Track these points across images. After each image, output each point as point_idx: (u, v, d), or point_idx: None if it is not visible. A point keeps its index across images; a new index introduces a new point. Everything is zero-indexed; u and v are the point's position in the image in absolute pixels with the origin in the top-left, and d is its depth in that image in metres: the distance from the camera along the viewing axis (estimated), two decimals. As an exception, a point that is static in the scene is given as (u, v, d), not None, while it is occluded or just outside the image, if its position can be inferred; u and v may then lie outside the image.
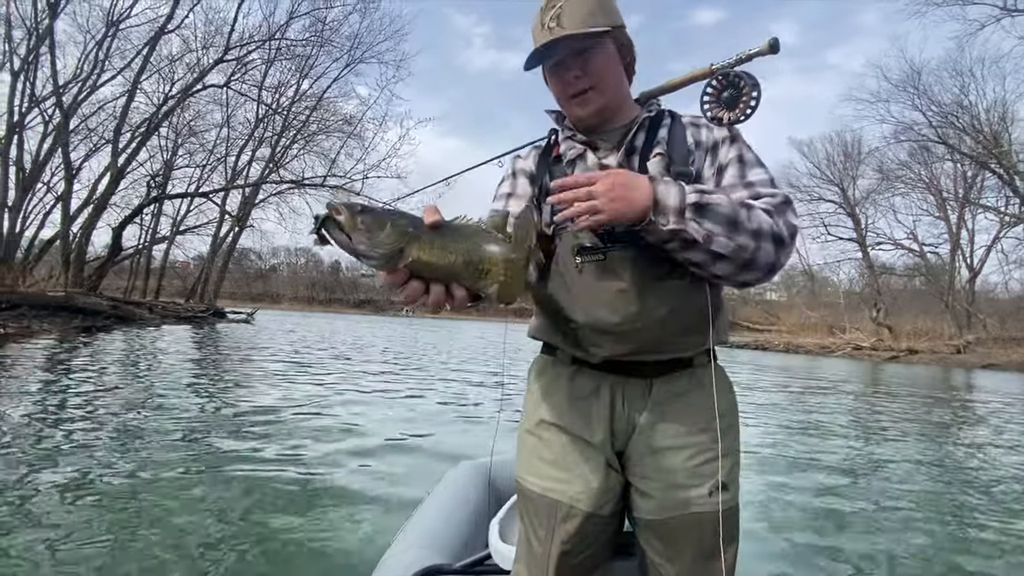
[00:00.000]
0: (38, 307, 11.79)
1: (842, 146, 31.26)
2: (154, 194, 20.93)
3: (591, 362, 0.91)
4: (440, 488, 1.69)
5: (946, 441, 5.16)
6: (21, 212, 15.79)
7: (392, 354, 11.24)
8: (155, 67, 18.94)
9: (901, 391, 9.76)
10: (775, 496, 3.08)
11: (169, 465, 2.86)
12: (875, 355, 22.03)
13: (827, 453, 4.26)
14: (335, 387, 6.04)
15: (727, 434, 0.90)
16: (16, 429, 3.40)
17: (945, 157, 27.11)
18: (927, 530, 2.67)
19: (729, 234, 0.75)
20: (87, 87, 17.13)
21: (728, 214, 0.75)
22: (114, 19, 16.84)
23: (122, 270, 23.03)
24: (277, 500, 2.45)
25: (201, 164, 24.40)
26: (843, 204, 31.43)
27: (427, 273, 0.63)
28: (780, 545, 2.39)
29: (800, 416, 6.16)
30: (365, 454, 3.32)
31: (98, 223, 17.36)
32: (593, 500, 0.88)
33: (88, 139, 19.51)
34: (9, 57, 15.09)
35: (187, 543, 1.98)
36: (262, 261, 58.98)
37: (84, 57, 17.20)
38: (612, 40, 0.91)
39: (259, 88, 21.54)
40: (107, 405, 4.31)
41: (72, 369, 6.06)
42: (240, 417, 4.16)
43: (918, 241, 29.68)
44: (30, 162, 16.11)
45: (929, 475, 3.77)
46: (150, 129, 18.82)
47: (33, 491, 2.42)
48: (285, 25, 20.19)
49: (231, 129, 23.40)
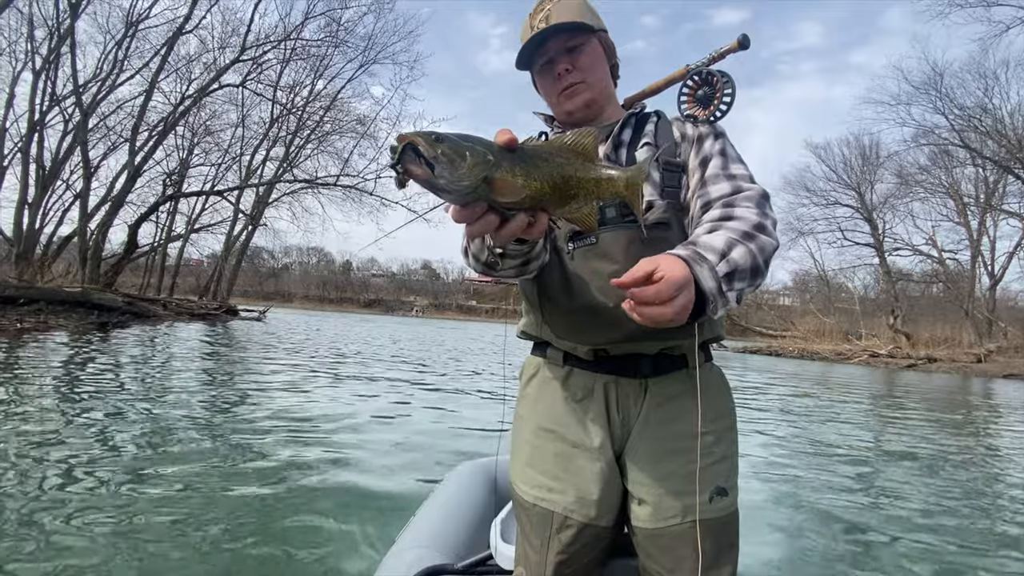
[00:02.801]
0: (55, 302, 11.96)
1: (860, 150, 30.80)
2: (170, 192, 21.23)
3: (584, 358, 0.89)
4: (443, 487, 1.66)
5: (969, 452, 4.99)
6: (41, 209, 16.11)
7: (400, 353, 11.24)
8: (173, 67, 19.27)
9: (921, 399, 9.53)
10: (788, 502, 2.98)
11: (169, 462, 2.85)
12: (892, 363, 21.60)
13: (845, 460, 4.13)
14: (339, 387, 6.03)
15: (725, 437, 0.89)
16: (29, 420, 3.41)
17: (966, 161, 26.58)
18: (941, 548, 2.55)
19: (753, 282, 0.73)
20: (106, 86, 17.43)
21: (750, 267, 0.72)
22: (133, 19, 17.12)
23: (137, 267, 23.40)
24: (278, 498, 2.41)
25: (216, 163, 24.77)
26: (860, 209, 30.95)
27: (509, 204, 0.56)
28: (784, 550, 2.30)
29: (821, 424, 6.02)
30: (368, 453, 3.28)
31: (115, 220, 17.66)
32: (589, 510, 0.86)
33: (106, 138, 19.90)
34: (31, 56, 15.42)
35: (183, 541, 1.94)
36: (275, 260, 59.77)
37: (104, 57, 17.53)
38: (598, 40, 0.95)
39: (274, 88, 21.79)
40: (114, 399, 4.32)
41: (86, 364, 6.12)
42: (242, 416, 4.14)
43: (937, 247, 29.12)
44: (50, 160, 16.43)
45: (947, 486, 3.63)
46: (167, 128, 19.10)
47: (40, 481, 2.40)
48: (301, 25, 20.42)
49: (246, 129, 23.72)
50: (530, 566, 0.89)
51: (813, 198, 32.51)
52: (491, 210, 0.56)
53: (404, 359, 9.96)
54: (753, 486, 3.22)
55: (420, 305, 78.80)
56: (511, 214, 0.57)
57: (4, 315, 9.96)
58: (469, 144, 0.52)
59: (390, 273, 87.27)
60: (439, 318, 61.81)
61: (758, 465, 3.74)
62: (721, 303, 0.69)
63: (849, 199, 31.43)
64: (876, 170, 30.39)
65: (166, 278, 24.56)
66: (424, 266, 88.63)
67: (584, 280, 0.84)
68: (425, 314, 74.42)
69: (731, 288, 0.70)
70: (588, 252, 0.84)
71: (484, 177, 0.52)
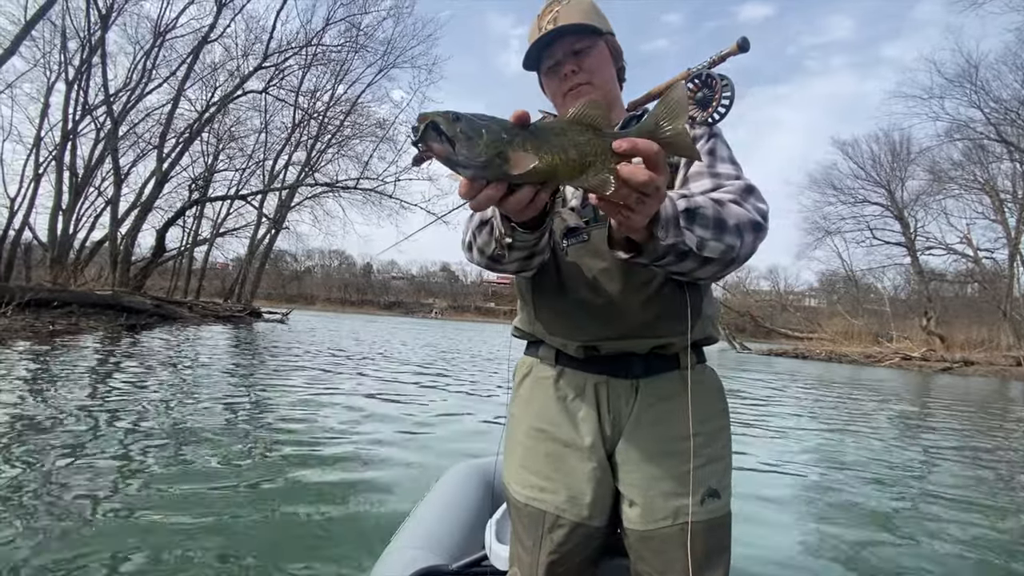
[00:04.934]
0: (87, 305, 12.35)
1: (890, 146, 29.95)
2: (196, 197, 21.79)
3: (575, 357, 0.90)
4: (438, 488, 1.64)
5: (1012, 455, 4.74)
6: (74, 215, 16.67)
7: (415, 354, 11.29)
8: (198, 75, 19.81)
9: (968, 407, 9.14)
10: (809, 511, 2.84)
11: (169, 459, 2.87)
12: (926, 366, 20.86)
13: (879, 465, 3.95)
14: (343, 388, 6.07)
15: (718, 438, 0.89)
16: (57, 418, 3.49)
17: (1003, 156, 25.56)
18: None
19: (718, 236, 0.72)
20: (135, 95, 18.01)
21: (713, 216, 0.71)
22: (161, 29, 17.67)
23: (165, 270, 24.07)
24: (274, 498, 2.39)
25: (240, 168, 25.30)
26: (890, 207, 30.06)
27: (523, 179, 0.58)
28: (786, 552, 2.18)
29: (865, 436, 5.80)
30: (364, 452, 3.26)
31: (143, 225, 18.20)
32: (580, 510, 0.86)
33: (136, 145, 20.48)
34: (64, 68, 15.98)
35: (180, 539, 1.92)
36: (297, 263, 60.81)
37: (133, 66, 18.11)
38: (605, 43, 0.96)
39: (296, 93, 22.23)
40: (138, 399, 4.41)
41: (116, 365, 6.28)
42: (244, 415, 4.19)
43: (972, 246, 28.05)
44: (82, 167, 17.03)
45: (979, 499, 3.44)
46: (193, 134, 19.64)
47: (64, 476, 2.43)
48: (321, 31, 20.81)
49: (269, 134, 24.21)
50: (523, 566, 0.89)
51: (840, 196, 31.76)
52: (497, 185, 0.58)
53: (417, 360, 9.99)
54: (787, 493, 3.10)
55: (439, 307, 79.43)
56: (518, 187, 0.59)
57: (38, 318, 10.32)
58: (485, 123, 0.55)
59: (410, 275, 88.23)
60: (458, 320, 62.18)
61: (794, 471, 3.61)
62: (673, 232, 0.67)
63: (878, 197, 30.62)
64: (907, 166, 29.56)
65: (192, 281, 25.23)
66: (443, 268, 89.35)
67: (576, 277, 0.86)
68: (444, 316, 74.98)
69: (690, 227, 0.69)
70: (581, 249, 0.85)
71: (499, 152, 0.55)
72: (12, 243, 13.96)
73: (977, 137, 25.07)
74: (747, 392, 8.34)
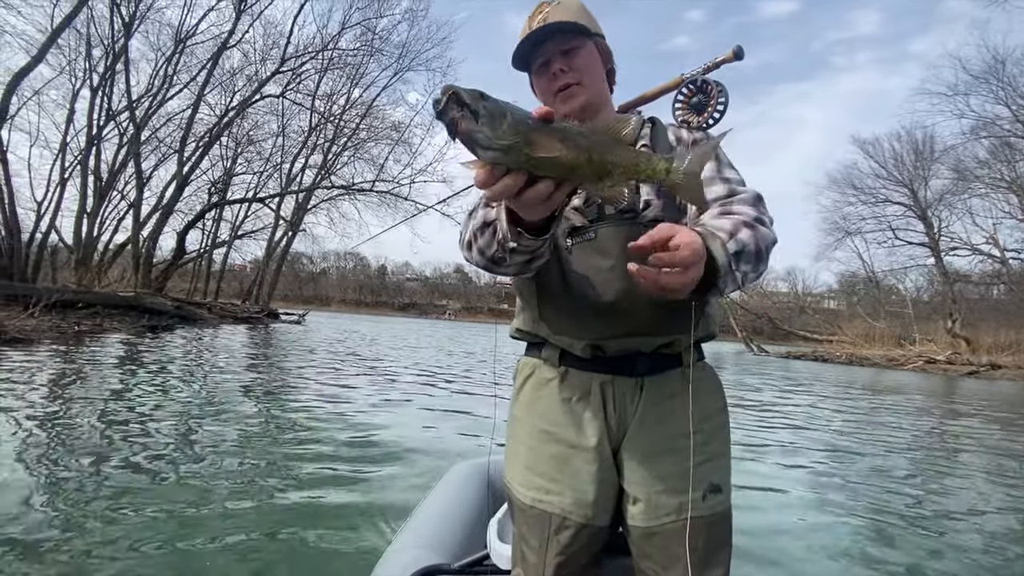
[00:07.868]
0: (110, 306, 12.65)
1: (912, 144, 29.26)
2: (215, 200, 22.19)
3: (581, 356, 0.90)
4: (439, 488, 1.65)
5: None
6: (98, 218, 17.09)
7: (422, 355, 11.33)
8: (218, 80, 20.16)
9: (999, 411, 8.88)
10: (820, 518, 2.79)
11: (169, 459, 2.93)
12: (951, 369, 20.30)
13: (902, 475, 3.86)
14: (348, 388, 6.11)
15: (718, 435, 0.90)
16: (79, 416, 3.58)
17: (1031, 154, 24.78)
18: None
19: (756, 268, 0.76)
20: (157, 101, 18.42)
21: (754, 251, 0.74)
22: (182, 36, 18.05)
23: (185, 272, 24.47)
24: (275, 498, 2.40)
25: (258, 171, 25.70)
26: (913, 206, 29.37)
27: (543, 170, 0.57)
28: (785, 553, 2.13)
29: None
30: (365, 453, 3.27)
31: (164, 228, 18.59)
32: (586, 511, 0.86)
33: (157, 149, 20.93)
34: (89, 75, 16.40)
35: (177, 539, 1.94)
36: (313, 265, 61.60)
37: (155, 72, 18.52)
38: (595, 44, 0.96)
39: (312, 97, 22.51)
40: (156, 399, 4.50)
41: (140, 364, 6.43)
42: (245, 415, 4.24)
43: (999, 246, 27.24)
44: (106, 171, 17.44)
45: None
46: (212, 139, 20.02)
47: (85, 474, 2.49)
48: (337, 35, 21.06)
49: (286, 137, 24.55)
50: (528, 567, 0.89)
51: (861, 196, 31.14)
52: (516, 175, 0.56)
53: (424, 361, 10.03)
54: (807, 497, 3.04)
55: (453, 308, 79.68)
56: (537, 181, 0.58)
57: (64, 319, 10.59)
58: (511, 108, 0.54)
59: (423, 277, 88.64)
60: (471, 321, 62.31)
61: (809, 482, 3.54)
62: (731, 280, 0.71)
63: (901, 196, 29.94)
64: (931, 165, 28.83)
65: (211, 283, 25.66)
66: (456, 270, 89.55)
67: (582, 275, 0.86)
68: (457, 317, 75.20)
69: (738, 268, 0.72)
70: (586, 247, 0.86)
71: (522, 137, 0.53)
72: (39, 245, 14.35)
73: (1004, 134, 24.38)
74: (767, 397, 8.20)
